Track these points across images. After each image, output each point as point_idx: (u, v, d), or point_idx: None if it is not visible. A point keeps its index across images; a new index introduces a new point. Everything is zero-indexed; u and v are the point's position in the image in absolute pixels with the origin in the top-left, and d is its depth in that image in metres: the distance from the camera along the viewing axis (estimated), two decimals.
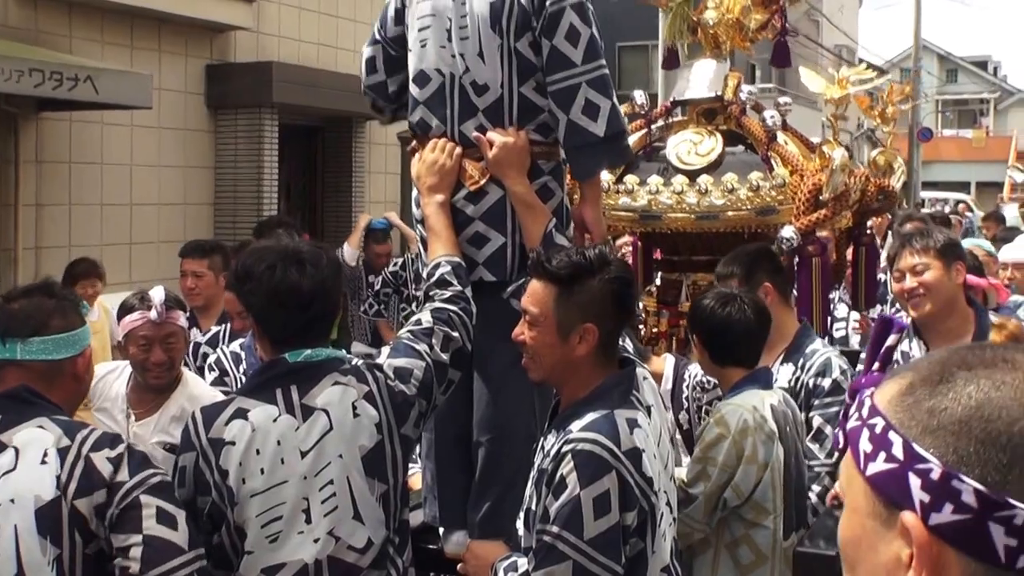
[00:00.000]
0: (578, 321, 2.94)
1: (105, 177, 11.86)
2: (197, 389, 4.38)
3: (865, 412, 1.15)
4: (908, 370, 1.17)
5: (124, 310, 4.24)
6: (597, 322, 2.93)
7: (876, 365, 1.27)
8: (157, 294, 4.18)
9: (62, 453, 2.76)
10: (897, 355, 4.17)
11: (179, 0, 12.18)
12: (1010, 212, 20.22)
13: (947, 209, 26.28)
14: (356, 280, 9.47)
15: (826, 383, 4.26)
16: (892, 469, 1.09)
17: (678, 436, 4.36)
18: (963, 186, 48.54)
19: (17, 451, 2.77)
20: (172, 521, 2.75)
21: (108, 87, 10.25)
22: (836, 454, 4.14)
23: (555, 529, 2.73)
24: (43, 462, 2.74)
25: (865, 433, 1.13)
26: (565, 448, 2.78)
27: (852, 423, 1.17)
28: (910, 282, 4.24)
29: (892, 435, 1.10)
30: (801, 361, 4.34)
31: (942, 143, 52.30)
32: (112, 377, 4.33)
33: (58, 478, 2.72)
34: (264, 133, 13.14)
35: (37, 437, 2.79)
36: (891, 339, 1.30)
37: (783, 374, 4.35)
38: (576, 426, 2.81)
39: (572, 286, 2.96)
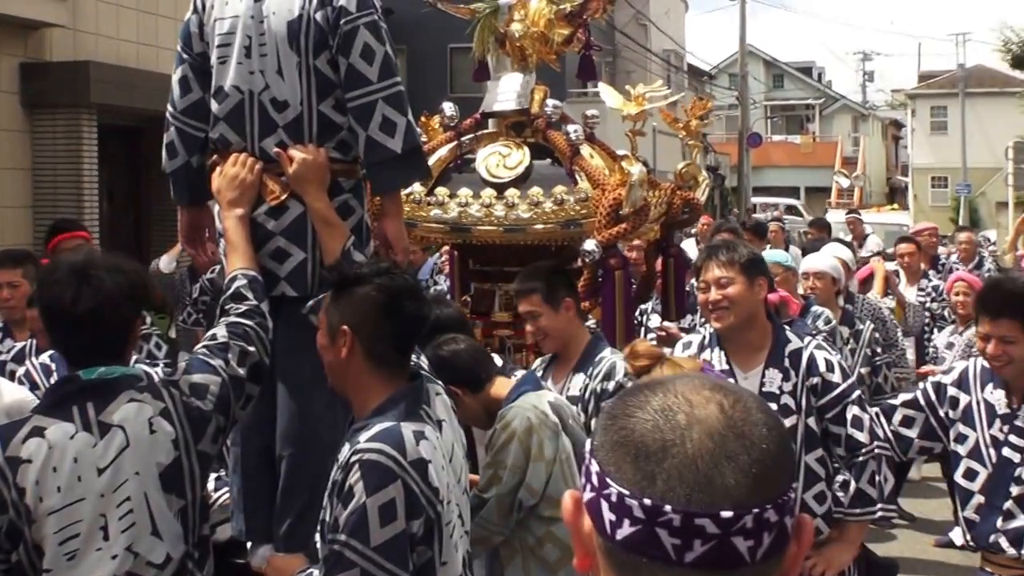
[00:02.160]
0: (338, 324, 3.02)
1: None
2: (1, 387, 4.33)
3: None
4: None
5: None
6: (354, 326, 3.00)
7: None
8: None
9: None
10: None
11: None
12: (838, 218, 20.85)
13: (775, 214, 27.01)
14: (177, 289, 9.31)
15: (611, 385, 4.44)
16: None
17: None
18: (793, 191, 49.86)
19: None
20: None
21: None
22: None
23: (343, 537, 2.80)
24: None
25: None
26: (353, 458, 2.84)
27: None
28: (714, 294, 4.31)
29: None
30: (590, 369, 4.54)
31: (771, 148, 53.51)
32: None
33: None
34: (83, 134, 12.88)
35: None
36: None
37: (575, 383, 4.53)
38: (363, 436, 2.88)
39: (340, 292, 3.06)
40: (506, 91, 5.33)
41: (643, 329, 7.20)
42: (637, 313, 6.57)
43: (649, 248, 6.04)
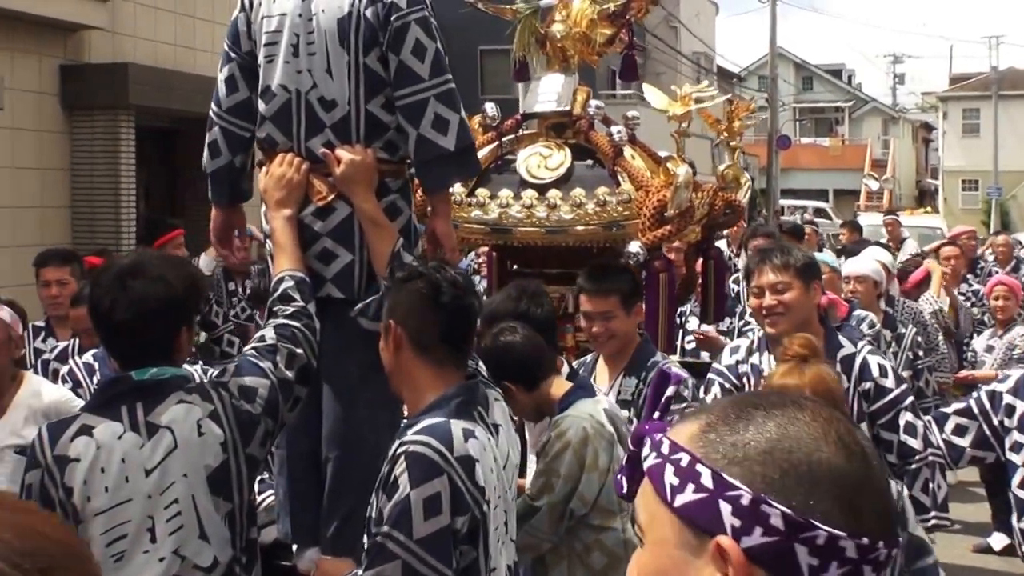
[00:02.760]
0: (387, 321, 3.02)
1: None
2: (41, 387, 4.39)
3: (665, 450, 1.24)
4: (702, 412, 1.28)
5: None
6: (400, 320, 2.99)
7: (656, 414, 1.36)
8: None
9: None
10: (747, 368, 4.28)
11: None
12: (869, 221, 20.62)
13: (806, 217, 26.82)
14: (215, 290, 9.30)
15: (668, 391, 4.33)
16: (702, 498, 1.18)
17: None
18: (821, 194, 49.64)
19: None
20: None
21: None
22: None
23: (385, 528, 2.77)
24: None
25: (669, 468, 1.22)
26: (399, 450, 2.82)
27: (652, 461, 1.25)
28: (769, 300, 4.22)
29: (700, 467, 1.20)
30: (643, 373, 4.45)
31: (800, 151, 53.29)
32: None
33: None
34: (120, 135, 12.94)
35: None
36: (669, 390, 1.40)
37: (627, 387, 4.46)
38: (412, 431, 2.86)
39: (392, 291, 3.06)
40: (547, 92, 5.31)
41: (681, 332, 7.16)
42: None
43: (689, 250, 6.00)
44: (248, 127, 3.84)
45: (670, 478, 1.21)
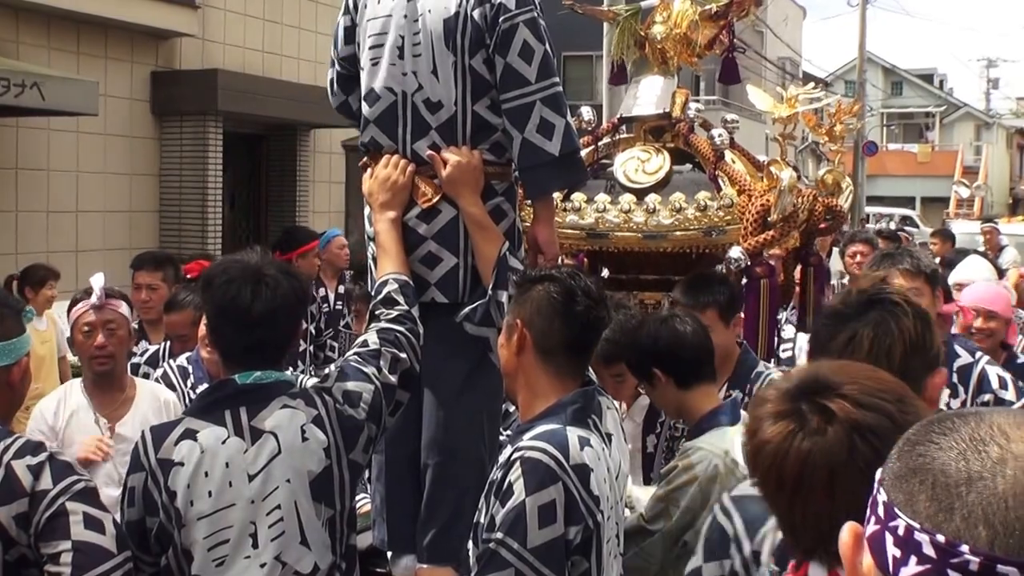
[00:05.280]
0: (513, 320, 2.96)
1: (52, 184, 11.77)
2: (151, 384, 4.57)
3: (881, 512, 1.14)
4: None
5: (72, 304, 4.32)
6: (527, 321, 2.92)
7: None
8: (97, 280, 4.25)
9: None
10: None
11: (124, 6, 12.10)
12: (959, 228, 20.14)
13: (892, 225, 26.44)
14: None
15: None
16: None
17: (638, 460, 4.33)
18: (908, 201, 48.98)
19: None
20: (100, 526, 2.76)
21: (55, 94, 10.17)
22: None
23: (499, 535, 2.70)
24: None
25: (888, 538, 1.12)
26: (515, 456, 2.75)
27: (871, 528, 1.16)
28: None
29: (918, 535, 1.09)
30: (747, 385, 4.32)
31: (887, 157, 52.69)
32: (62, 407, 4.29)
33: None
34: (209, 141, 13.09)
35: None
36: None
37: None
38: (527, 436, 2.79)
39: (520, 291, 3.00)
40: (646, 95, 5.22)
41: (776, 339, 7.03)
42: None
43: (788, 256, 5.88)
44: (353, 125, 3.92)
45: (891, 550, 1.11)
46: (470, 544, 2.88)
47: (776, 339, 6.88)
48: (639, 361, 3.77)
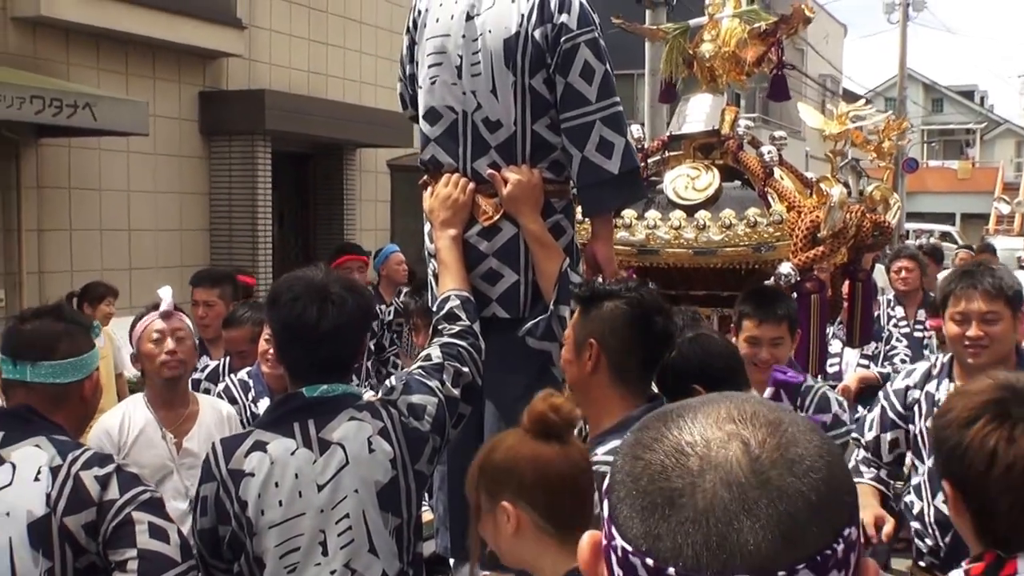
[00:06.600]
0: (586, 337, 2.98)
1: (104, 203, 11.91)
2: (211, 398, 4.66)
3: None
4: None
5: (136, 319, 4.37)
6: (601, 339, 2.95)
7: None
8: (165, 292, 4.32)
9: (54, 472, 2.86)
10: (919, 395, 4.07)
11: (172, 27, 12.23)
12: (1000, 245, 19.97)
13: (932, 240, 26.28)
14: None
15: (827, 419, 4.22)
16: None
17: None
18: (948, 217, 48.48)
19: (14, 467, 2.87)
20: (164, 535, 2.85)
21: (106, 114, 10.30)
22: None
23: None
24: (36, 479, 2.85)
25: None
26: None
27: None
28: (976, 330, 3.82)
29: None
30: (797, 399, 4.32)
31: (927, 174, 52.20)
32: (127, 423, 4.34)
33: (48, 495, 2.83)
34: (257, 160, 13.20)
35: (32, 455, 2.89)
36: (826, 417, 1.36)
37: None
38: (600, 451, 2.83)
39: (589, 307, 3.02)
40: (695, 113, 5.28)
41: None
42: None
43: (836, 272, 5.91)
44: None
45: (615, 567, 1.11)
46: None
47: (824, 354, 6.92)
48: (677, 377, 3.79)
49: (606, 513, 1.11)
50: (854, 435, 4.24)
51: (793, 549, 0.99)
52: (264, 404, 4.76)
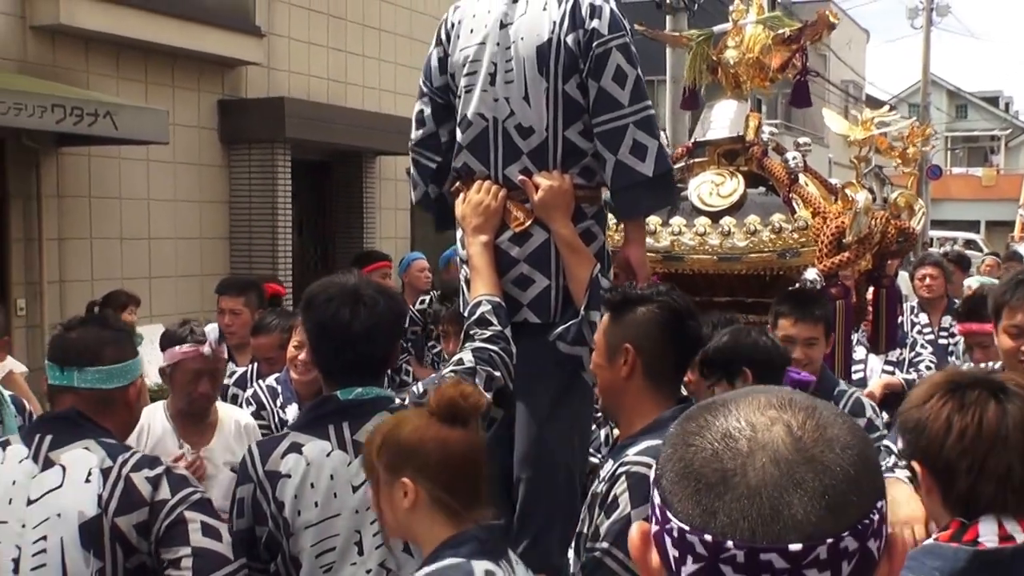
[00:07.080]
0: (620, 342, 2.99)
1: (124, 212, 11.93)
2: (231, 408, 4.69)
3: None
4: None
5: (172, 340, 4.35)
6: (637, 344, 2.97)
7: None
8: (212, 333, 4.32)
9: (105, 473, 2.91)
10: None
11: (191, 36, 12.25)
12: None
13: (956, 248, 26.18)
14: None
15: (861, 423, 4.20)
16: None
17: None
18: (972, 225, 48.22)
19: (64, 469, 2.92)
20: (216, 533, 2.90)
21: (126, 122, 10.32)
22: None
23: (605, 545, 2.78)
24: (87, 481, 2.90)
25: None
26: (620, 470, 2.83)
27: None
28: None
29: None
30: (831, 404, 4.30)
31: (951, 181, 51.91)
32: (144, 432, 4.36)
33: (100, 496, 2.88)
34: (277, 168, 13.20)
35: (82, 457, 2.94)
36: None
37: None
38: (632, 451, 2.86)
39: (621, 312, 3.04)
40: (719, 119, 5.30)
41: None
42: None
43: (860, 278, 5.92)
44: (434, 158, 3.99)
45: (671, 550, 1.21)
46: (571, 554, 2.96)
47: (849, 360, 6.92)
48: (727, 361, 3.80)
49: (657, 500, 1.19)
50: (886, 442, 4.25)
51: (837, 519, 1.10)
52: (292, 410, 4.82)
